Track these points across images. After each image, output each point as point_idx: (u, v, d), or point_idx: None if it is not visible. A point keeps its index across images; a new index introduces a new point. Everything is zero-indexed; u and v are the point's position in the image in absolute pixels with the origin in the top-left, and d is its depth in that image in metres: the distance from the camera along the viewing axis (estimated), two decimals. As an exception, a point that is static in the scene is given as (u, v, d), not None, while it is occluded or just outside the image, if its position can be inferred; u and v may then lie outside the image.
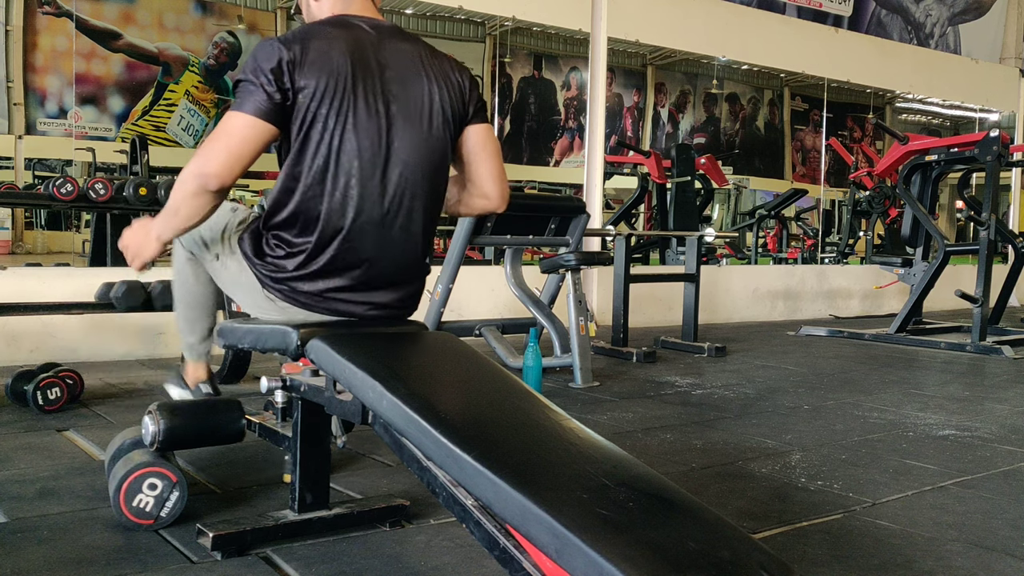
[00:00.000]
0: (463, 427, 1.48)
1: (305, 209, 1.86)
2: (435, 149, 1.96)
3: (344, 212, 1.87)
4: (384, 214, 1.91)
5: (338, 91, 1.83)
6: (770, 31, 7.82)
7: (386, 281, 1.97)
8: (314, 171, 1.85)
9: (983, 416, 3.62)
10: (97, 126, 6.12)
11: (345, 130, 1.84)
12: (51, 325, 4.40)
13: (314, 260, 1.89)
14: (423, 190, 1.95)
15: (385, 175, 1.89)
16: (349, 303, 1.95)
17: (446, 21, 7.37)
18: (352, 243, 1.89)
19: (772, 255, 9.60)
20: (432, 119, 1.95)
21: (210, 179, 1.75)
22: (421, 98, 1.93)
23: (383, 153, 1.88)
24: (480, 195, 2.08)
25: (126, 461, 2.07)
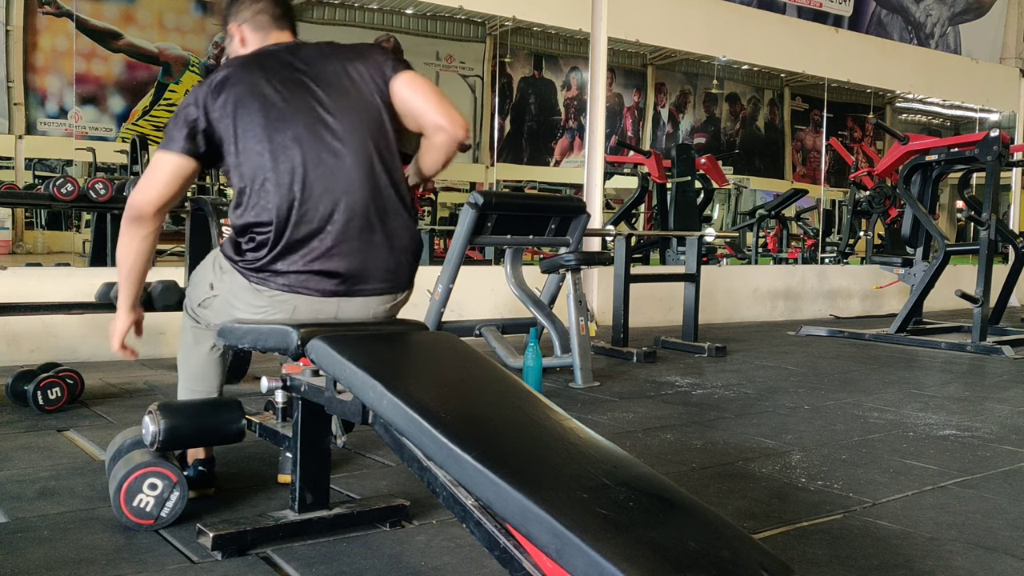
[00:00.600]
0: (463, 427, 1.48)
1: (258, 206, 1.99)
2: (370, 117, 2.04)
3: (292, 193, 1.98)
4: (331, 185, 1.99)
5: (256, 105, 1.99)
6: (770, 31, 7.82)
7: (355, 238, 2.02)
8: (257, 175, 1.99)
9: (983, 416, 3.62)
10: (97, 126, 6.12)
11: (273, 131, 1.98)
12: (51, 325, 4.40)
13: (280, 240, 1.98)
14: (367, 154, 2.03)
15: (322, 156, 1.99)
16: (326, 272, 2.00)
17: (446, 21, 7.36)
18: (306, 215, 1.98)
19: (772, 255, 9.59)
20: (357, 94, 2.04)
21: (131, 208, 2.02)
22: (340, 82, 2.04)
23: (317, 137, 1.99)
24: (433, 130, 2.10)
25: (126, 461, 2.07)
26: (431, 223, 8.09)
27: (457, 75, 7.66)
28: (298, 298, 2.02)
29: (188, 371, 2.30)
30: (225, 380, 2.38)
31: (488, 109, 7.73)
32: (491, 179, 7.71)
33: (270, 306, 2.03)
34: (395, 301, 2.16)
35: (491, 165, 7.64)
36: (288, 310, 2.03)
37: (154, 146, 6.21)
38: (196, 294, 2.21)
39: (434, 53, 7.47)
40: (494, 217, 4.16)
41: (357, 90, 2.05)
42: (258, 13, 2.16)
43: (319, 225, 1.99)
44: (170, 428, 2.05)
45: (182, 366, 2.32)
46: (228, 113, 1.99)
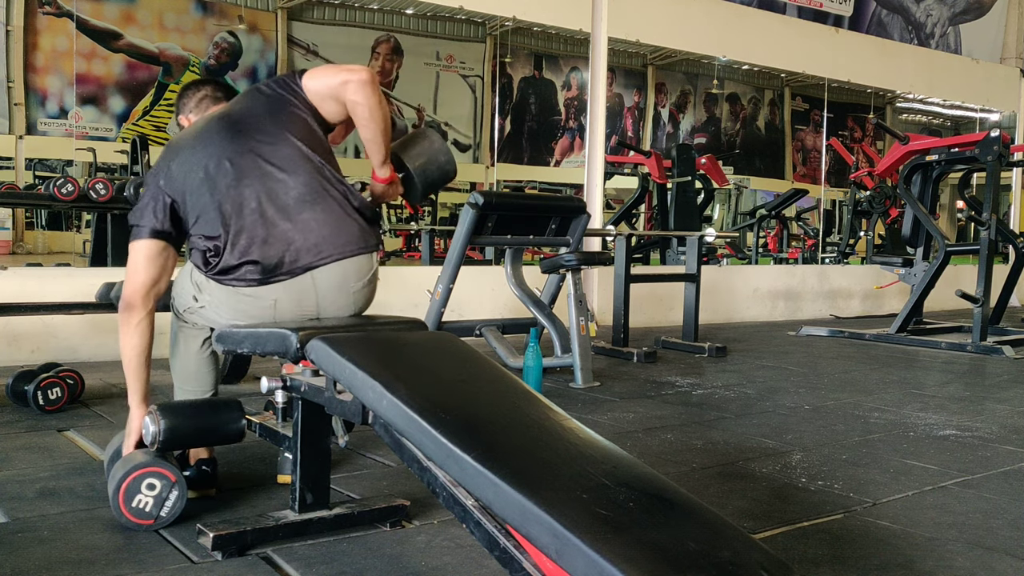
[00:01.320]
0: (463, 427, 1.48)
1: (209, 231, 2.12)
2: (299, 130, 2.16)
3: (242, 210, 2.09)
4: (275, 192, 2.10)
5: (201, 172, 2.11)
6: (771, 31, 7.82)
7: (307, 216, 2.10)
8: (209, 220, 2.10)
9: (984, 416, 3.62)
10: (98, 126, 6.12)
11: (221, 186, 2.09)
12: (52, 325, 4.40)
13: (235, 245, 2.08)
14: (298, 149, 2.13)
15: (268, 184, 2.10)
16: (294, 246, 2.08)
17: (446, 21, 7.37)
18: (258, 218, 2.08)
19: (773, 255, 9.60)
20: (280, 114, 2.16)
21: (121, 301, 2.14)
22: (265, 114, 2.17)
23: (260, 171, 2.11)
24: (342, 88, 2.14)
25: (124, 462, 2.07)
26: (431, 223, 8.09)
27: (457, 75, 7.67)
28: (276, 287, 2.08)
29: (181, 372, 2.32)
30: (220, 378, 2.39)
31: (488, 109, 7.73)
32: (491, 179, 7.72)
33: (252, 301, 2.09)
34: (369, 264, 2.18)
35: (491, 165, 7.65)
36: (269, 303, 2.08)
37: (155, 146, 6.21)
38: (181, 302, 2.24)
39: (434, 53, 7.48)
40: (494, 217, 4.16)
41: (275, 107, 2.17)
42: (201, 100, 2.40)
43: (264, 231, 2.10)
44: (170, 428, 2.05)
45: (174, 368, 2.34)
46: (179, 187, 2.11)
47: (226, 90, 2.45)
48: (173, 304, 2.29)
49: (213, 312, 2.15)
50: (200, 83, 2.46)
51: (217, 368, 2.36)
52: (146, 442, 2.08)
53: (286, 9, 7.06)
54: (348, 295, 2.14)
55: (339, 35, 7.29)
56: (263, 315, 2.09)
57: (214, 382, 2.34)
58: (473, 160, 7.85)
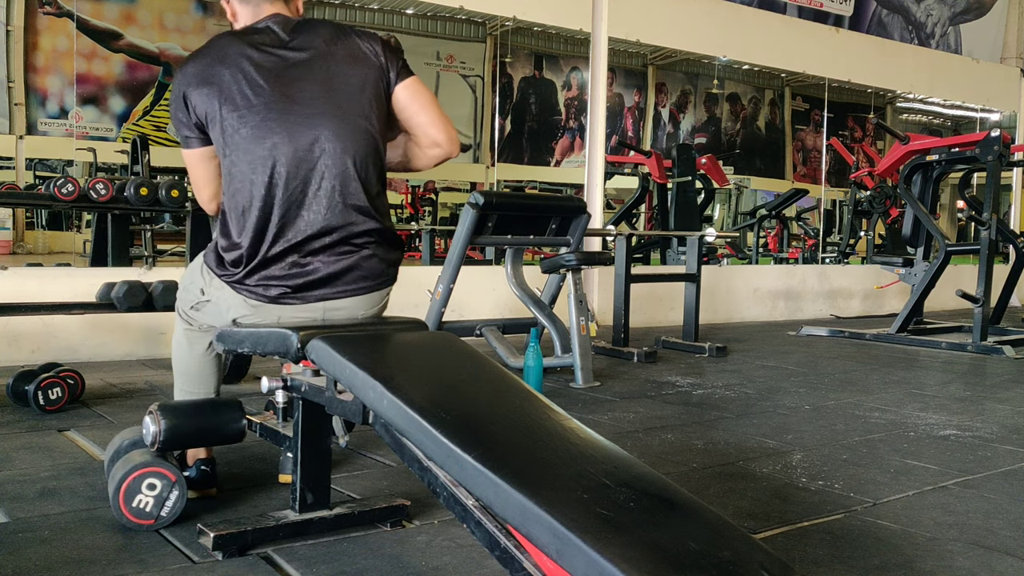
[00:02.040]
0: (464, 427, 1.48)
1: (235, 208, 2.01)
2: (357, 122, 2.02)
3: (271, 197, 1.97)
4: (305, 188, 1.98)
5: (234, 99, 1.96)
6: (771, 31, 7.81)
7: (328, 247, 2.01)
8: (235, 174, 1.99)
9: (984, 416, 3.62)
10: (98, 126, 6.12)
11: (243, 142, 1.97)
12: (52, 325, 4.40)
13: (253, 257, 2.00)
14: (348, 158, 2.00)
15: (302, 157, 1.97)
16: (307, 266, 2.01)
17: (447, 21, 7.37)
18: (285, 222, 1.98)
19: (773, 255, 9.59)
20: (348, 93, 2.02)
21: (204, 207, 2.18)
22: (325, 87, 2.01)
23: (297, 139, 1.97)
24: (429, 144, 2.13)
25: (125, 461, 2.07)
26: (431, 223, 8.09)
27: (457, 75, 7.66)
28: (285, 307, 2.05)
29: (184, 373, 2.28)
30: (222, 380, 2.37)
31: (488, 109, 7.73)
32: (492, 179, 7.71)
33: (256, 312, 2.06)
34: (382, 296, 2.15)
35: (492, 165, 7.64)
36: (274, 317, 2.05)
37: (155, 146, 6.21)
38: (187, 297, 2.19)
39: (434, 53, 7.48)
40: (495, 217, 4.16)
41: (342, 92, 2.02)
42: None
43: (292, 236, 2.01)
44: (170, 428, 2.05)
45: (178, 368, 2.30)
46: (211, 116, 1.99)
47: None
48: (178, 304, 2.25)
49: (216, 307, 2.11)
50: None
51: (221, 370, 2.33)
52: (146, 442, 2.08)
53: (286, 9, 7.06)
54: (355, 320, 2.11)
55: (339, 35, 7.29)
56: (266, 321, 2.06)
57: (217, 384, 2.32)
58: (473, 160, 7.85)
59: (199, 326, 2.22)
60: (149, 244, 5.89)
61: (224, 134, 1.98)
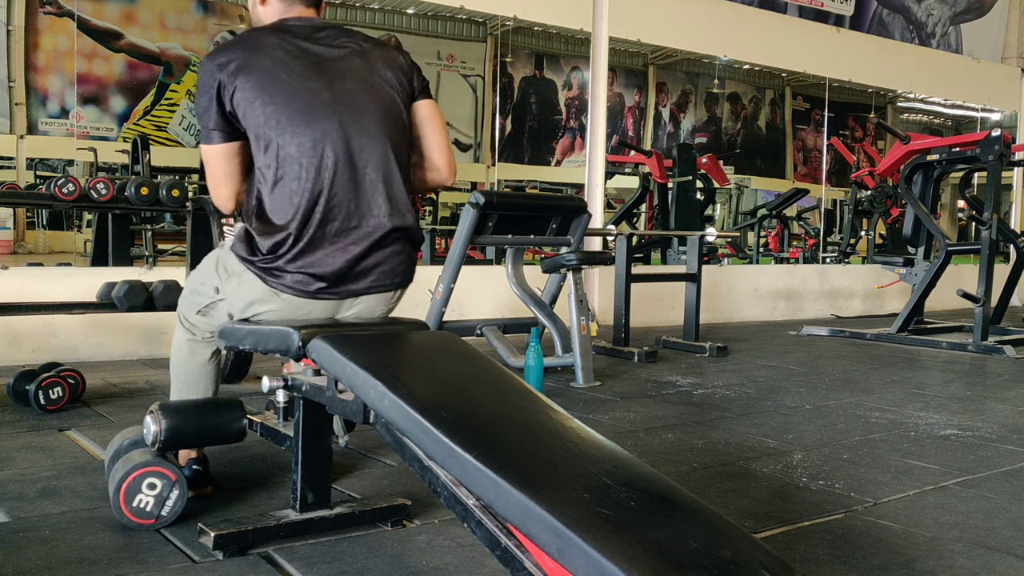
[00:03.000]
0: (464, 426, 1.48)
1: (282, 192, 1.99)
2: (396, 120, 2.08)
3: (321, 181, 1.99)
4: (353, 175, 2.01)
5: (278, 85, 1.97)
6: (771, 31, 7.81)
7: (363, 234, 2.04)
8: (283, 157, 1.98)
9: (985, 416, 3.62)
10: (99, 126, 6.12)
11: (289, 125, 1.97)
12: (53, 325, 4.40)
13: (299, 239, 1.99)
14: (391, 152, 2.06)
15: (350, 145, 2.01)
16: (342, 249, 2.02)
17: (447, 20, 7.36)
18: (332, 207, 2.00)
19: (774, 255, 9.59)
20: (387, 92, 2.07)
21: (221, 207, 2.11)
22: (364, 81, 2.06)
23: (346, 127, 2.01)
24: (430, 168, 2.19)
25: (125, 461, 2.07)
26: (432, 223, 8.09)
27: (458, 75, 7.66)
28: (316, 303, 2.05)
29: (183, 380, 2.27)
30: (220, 383, 2.37)
31: (489, 109, 7.72)
32: (492, 179, 7.71)
33: (282, 303, 2.04)
34: (400, 294, 2.17)
35: (492, 165, 7.64)
36: (305, 312, 2.05)
37: (156, 146, 6.21)
38: (196, 300, 2.16)
39: (435, 53, 7.47)
40: (495, 217, 4.16)
41: (380, 89, 2.07)
42: None
43: (329, 228, 2.02)
44: (171, 428, 2.05)
45: (175, 374, 2.27)
46: (249, 101, 1.97)
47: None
48: (181, 310, 2.21)
49: (230, 304, 2.08)
50: None
51: (219, 379, 2.32)
52: (147, 442, 2.08)
53: (287, 9, 7.05)
54: (372, 317, 2.12)
55: (340, 35, 7.29)
56: (291, 316, 2.04)
57: (215, 390, 2.31)
58: (474, 160, 7.85)
59: (202, 335, 2.20)
60: (150, 244, 5.89)
61: (267, 119, 1.97)
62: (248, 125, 2.00)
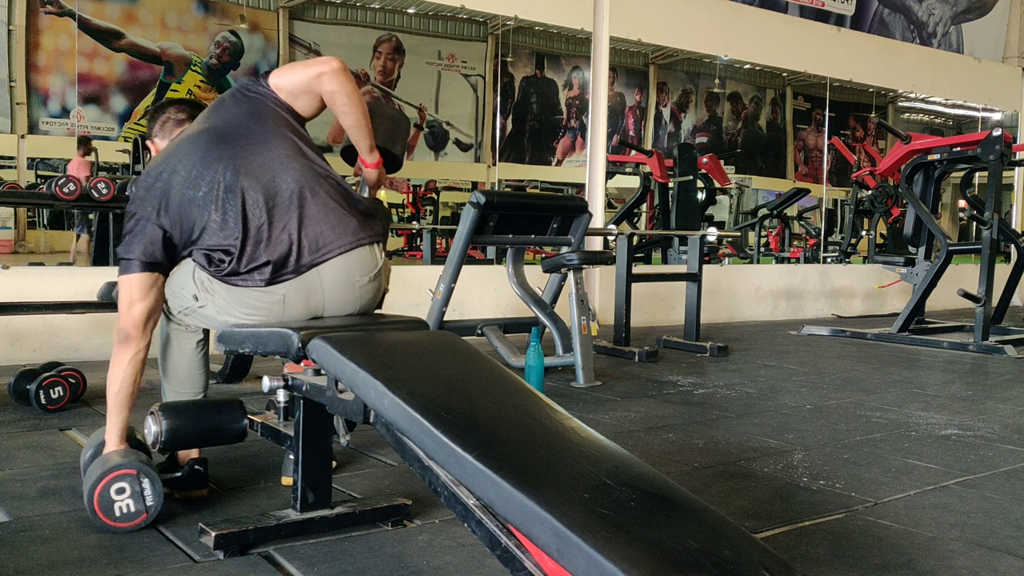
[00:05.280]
0: (465, 426, 1.48)
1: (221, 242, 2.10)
2: (284, 129, 2.18)
3: (247, 217, 2.08)
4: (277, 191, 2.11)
5: (201, 191, 2.09)
6: (772, 30, 7.81)
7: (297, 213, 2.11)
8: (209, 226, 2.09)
9: (985, 416, 3.62)
10: (99, 125, 6.12)
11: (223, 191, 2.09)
12: (54, 324, 4.41)
13: (243, 252, 2.07)
14: (291, 147, 2.16)
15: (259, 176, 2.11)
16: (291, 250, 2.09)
17: (448, 20, 7.37)
18: (271, 226, 2.09)
19: (774, 254, 9.59)
20: (262, 115, 2.18)
21: (120, 332, 2.08)
22: (240, 114, 2.18)
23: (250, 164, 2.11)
24: (316, 80, 2.17)
25: (87, 480, 2.03)
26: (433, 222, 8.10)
27: (459, 74, 7.66)
28: (284, 285, 2.08)
29: (173, 374, 2.29)
30: (209, 376, 2.37)
31: (490, 108, 7.73)
32: (493, 178, 7.71)
33: (261, 299, 2.08)
34: (372, 258, 2.17)
35: (493, 164, 7.64)
36: (279, 298, 2.08)
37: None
38: (177, 302, 2.21)
39: (436, 52, 7.48)
40: (496, 216, 4.16)
41: (255, 109, 2.18)
42: (164, 124, 2.42)
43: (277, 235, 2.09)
44: (172, 428, 2.04)
45: (166, 369, 2.30)
46: (170, 205, 2.09)
47: (192, 107, 2.46)
48: (166, 305, 2.25)
49: (214, 311, 2.13)
50: (162, 107, 2.48)
51: (208, 368, 2.35)
52: (147, 443, 2.08)
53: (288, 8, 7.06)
54: (354, 290, 2.14)
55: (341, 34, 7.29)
56: (272, 311, 2.08)
57: (205, 383, 2.34)
58: (475, 159, 7.85)
59: (187, 326, 2.24)
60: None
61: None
62: (184, 224, 2.16)
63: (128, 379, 2.10)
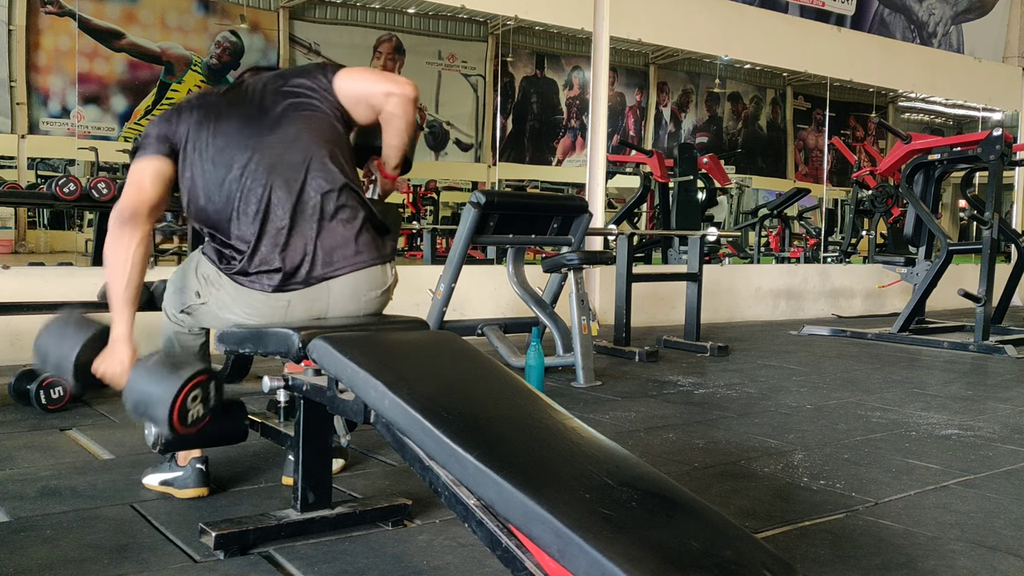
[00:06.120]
0: (465, 426, 1.48)
1: (221, 221, 2.07)
2: (324, 134, 2.11)
3: (268, 218, 2.03)
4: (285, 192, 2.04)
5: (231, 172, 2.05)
6: (772, 30, 7.81)
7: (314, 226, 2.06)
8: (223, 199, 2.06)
9: (986, 415, 3.62)
10: (100, 125, 6.11)
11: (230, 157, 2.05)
12: (54, 324, 4.40)
13: (256, 252, 2.03)
14: (314, 165, 2.07)
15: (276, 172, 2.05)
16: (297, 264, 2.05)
17: (448, 20, 7.36)
18: (274, 228, 2.03)
19: (775, 254, 9.59)
20: (306, 115, 2.10)
21: (125, 209, 1.99)
22: (279, 102, 2.11)
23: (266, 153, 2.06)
24: (384, 99, 2.12)
25: (151, 382, 1.86)
26: (433, 222, 8.09)
27: (459, 74, 7.66)
28: (291, 293, 2.05)
29: None
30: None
31: (490, 108, 7.72)
32: (493, 178, 7.71)
33: (265, 303, 2.05)
34: (383, 276, 2.15)
35: (493, 164, 7.63)
36: (283, 304, 2.05)
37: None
38: (179, 300, 2.19)
39: (436, 52, 7.47)
40: (496, 216, 4.16)
41: (302, 106, 2.11)
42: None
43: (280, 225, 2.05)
44: (173, 428, 2.04)
45: None
46: (187, 133, 2.08)
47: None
48: (168, 305, 2.24)
49: (216, 307, 2.11)
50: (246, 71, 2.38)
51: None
52: (148, 443, 2.08)
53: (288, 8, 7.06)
54: (360, 303, 2.11)
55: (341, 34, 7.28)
56: (274, 315, 2.06)
57: None
58: (475, 159, 7.85)
59: (189, 328, 2.23)
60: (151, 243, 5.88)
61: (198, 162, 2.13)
62: (199, 188, 2.15)
63: (138, 265, 1.98)
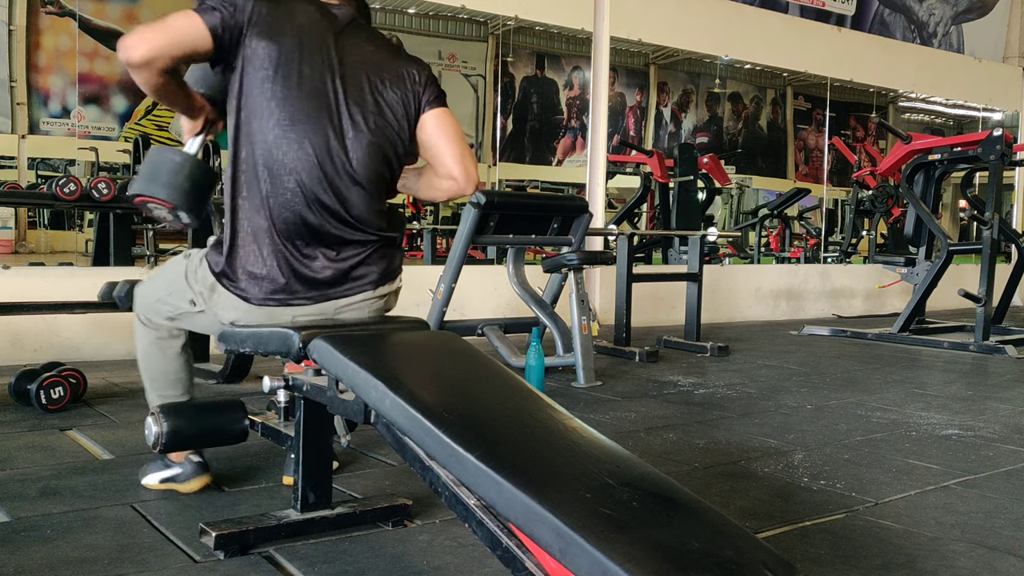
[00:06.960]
0: (466, 426, 1.48)
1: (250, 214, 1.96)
2: (380, 140, 2.02)
3: (292, 199, 1.94)
4: (322, 196, 1.96)
5: (281, 66, 1.91)
6: (773, 30, 7.81)
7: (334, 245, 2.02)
8: (250, 164, 1.95)
9: (986, 416, 3.62)
10: (100, 125, 6.11)
11: (285, 114, 1.92)
12: (54, 324, 4.41)
13: (268, 253, 1.96)
14: (363, 176, 1.99)
15: (323, 163, 1.95)
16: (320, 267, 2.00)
17: (448, 20, 7.36)
18: (298, 222, 1.96)
19: (775, 254, 9.59)
20: (379, 111, 2.01)
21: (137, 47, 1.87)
22: (367, 94, 2.00)
23: (322, 143, 1.95)
24: (445, 176, 2.12)
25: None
26: (433, 222, 8.09)
27: (459, 74, 7.66)
28: (296, 308, 2.01)
29: (160, 381, 2.23)
30: (194, 375, 2.33)
31: (490, 108, 7.72)
32: (493, 178, 7.71)
33: (270, 316, 2.01)
34: (391, 288, 2.13)
35: (493, 164, 7.63)
36: (288, 317, 2.02)
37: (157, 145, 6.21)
38: (167, 308, 2.11)
39: (436, 52, 7.47)
40: (496, 216, 4.16)
41: (381, 109, 2.02)
42: None
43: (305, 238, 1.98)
44: (173, 430, 2.04)
45: (150, 378, 2.24)
46: (252, 44, 1.91)
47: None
48: (142, 311, 2.18)
49: (212, 317, 2.05)
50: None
51: (192, 368, 2.30)
52: (148, 443, 2.08)
53: (288, 8, 7.06)
54: (363, 314, 2.10)
55: (341, 34, 7.29)
56: (280, 322, 2.02)
57: (191, 384, 2.28)
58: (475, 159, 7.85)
59: (169, 331, 2.18)
60: (151, 243, 5.89)
61: (246, 97, 1.98)
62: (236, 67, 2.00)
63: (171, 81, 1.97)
